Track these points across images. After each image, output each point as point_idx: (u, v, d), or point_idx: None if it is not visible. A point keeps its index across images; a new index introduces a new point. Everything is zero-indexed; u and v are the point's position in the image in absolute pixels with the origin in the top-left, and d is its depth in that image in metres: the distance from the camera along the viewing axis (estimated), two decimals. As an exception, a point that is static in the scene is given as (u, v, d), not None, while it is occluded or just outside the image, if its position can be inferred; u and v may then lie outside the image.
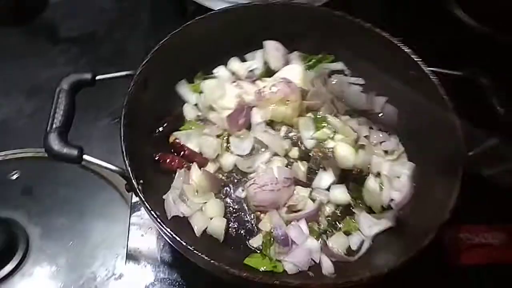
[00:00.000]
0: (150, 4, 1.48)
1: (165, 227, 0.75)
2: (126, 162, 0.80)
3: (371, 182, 0.97)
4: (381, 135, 1.05)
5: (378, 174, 1.00)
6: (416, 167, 0.99)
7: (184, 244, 0.74)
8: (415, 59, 0.99)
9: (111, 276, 1.01)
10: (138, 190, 0.77)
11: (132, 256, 0.98)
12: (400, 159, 1.02)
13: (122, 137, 0.81)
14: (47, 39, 1.43)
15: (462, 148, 0.88)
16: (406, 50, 1.00)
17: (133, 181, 0.78)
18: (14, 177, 1.13)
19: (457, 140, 0.89)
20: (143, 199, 0.77)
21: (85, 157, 0.81)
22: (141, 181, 0.81)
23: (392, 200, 0.96)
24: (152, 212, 0.76)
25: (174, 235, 0.76)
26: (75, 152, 0.80)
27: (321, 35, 1.08)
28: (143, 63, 0.92)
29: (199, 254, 0.74)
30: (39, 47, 1.40)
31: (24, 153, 1.16)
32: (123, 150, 0.81)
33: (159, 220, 0.76)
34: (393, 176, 0.99)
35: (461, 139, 0.89)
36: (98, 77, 0.90)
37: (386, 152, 1.03)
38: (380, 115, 1.05)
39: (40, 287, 0.99)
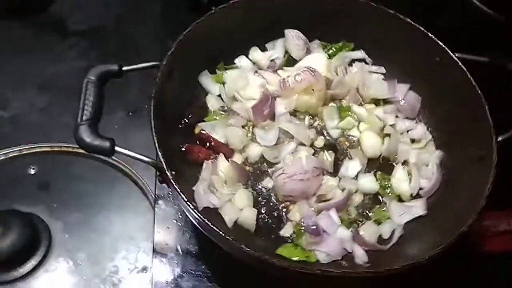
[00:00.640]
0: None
1: (202, 218, 0.74)
2: (159, 153, 0.79)
3: (399, 171, 0.97)
4: (407, 123, 1.04)
5: (405, 162, 0.99)
6: (445, 154, 0.98)
7: (222, 234, 0.73)
8: (441, 45, 0.98)
9: (134, 269, 1.00)
10: (173, 181, 0.76)
11: (158, 249, 0.97)
12: (427, 147, 1.01)
13: (154, 129, 0.80)
14: (55, 33, 1.40)
15: (492, 132, 0.87)
16: (431, 36, 0.99)
17: (167, 172, 0.76)
18: (32, 172, 1.12)
19: (487, 124, 0.88)
20: (178, 190, 0.76)
21: (117, 149, 0.79)
22: (174, 172, 0.80)
23: (421, 188, 0.96)
24: (188, 203, 0.75)
25: (211, 225, 0.74)
26: (107, 144, 0.79)
27: (341, 23, 1.07)
28: (169, 53, 0.90)
29: (237, 243, 0.72)
30: (47, 41, 1.38)
31: (39, 147, 1.15)
32: (155, 141, 0.79)
33: (195, 211, 0.74)
34: (421, 164, 0.98)
35: (490, 124, 0.88)
36: (124, 68, 0.88)
37: (413, 140, 1.02)
38: (402, 102, 1.04)
39: (63, 282, 0.98)
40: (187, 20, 0.98)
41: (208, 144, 0.96)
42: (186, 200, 0.75)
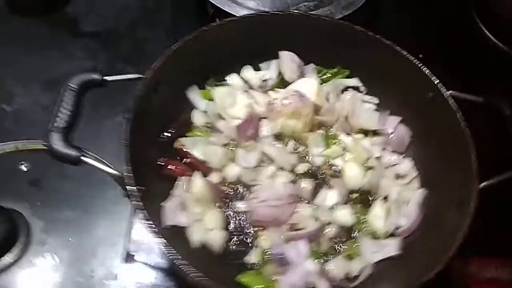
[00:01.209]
0: (172, 5, 1.46)
1: (159, 237, 0.74)
2: (129, 168, 0.78)
3: (378, 206, 0.94)
4: (394, 157, 1.01)
5: (386, 198, 0.96)
6: (427, 193, 0.95)
7: (177, 257, 0.73)
8: (434, 81, 0.94)
9: (109, 275, 1.00)
10: (137, 198, 0.76)
11: (131, 257, 0.97)
12: (411, 184, 0.98)
13: (127, 144, 0.80)
14: (68, 33, 1.43)
15: (474, 178, 0.84)
16: (425, 71, 0.96)
17: (133, 187, 0.76)
18: (24, 168, 1.13)
19: (471, 170, 0.85)
20: (142, 208, 0.75)
21: (84, 159, 0.80)
22: (143, 188, 0.80)
23: (398, 227, 0.93)
24: (147, 221, 0.74)
25: (168, 246, 0.74)
26: (74, 153, 0.79)
27: (338, 49, 1.05)
28: (154, 67, 0.90)
29: (188, 267, 0.72)
30: (59, 40, 1.40)
31: (35, 144, 1.16)
32: (126, 157, 0.79)
33: (153, 229, 0.74)
34: (402, 201, 0.95)
35: (474, 168, 0.85)
36: (107, 78, 0.89)
37: (398, 176, 0.99)
38: (391, 136, 1.01)
39: (37, 281, 0.98)
40: (195, 29, 0.99)
41: (186, 160, 0.95)
42: (146, 218, 0.74)
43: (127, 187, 0.77)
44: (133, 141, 0.83)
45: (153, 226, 0.74)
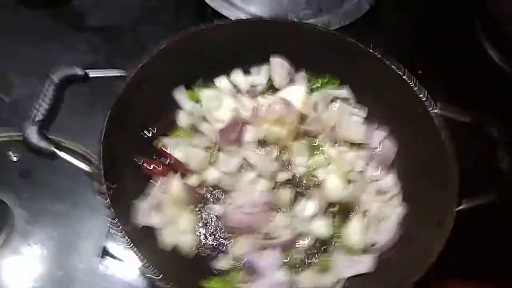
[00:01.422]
0: (176, 5, 1.47)
1: (124, 236, 0.73)
2: (98, 165, 0.78)
3: (356, 221, 0.92)
4: (377, 173, 0.99)
5: (365, 213, 0.94)
6: (407, 211, 0.93)
7: (141, 257, 0.72)
8: (422, 98, 0.92)
9: (90, 270, 0.99)
10: (105, 195, 0.76)
11: (109, 253, 0.96)
12: (392, 201, 0.96)
13: (101, 141, 0.80)
14: (70, 27, 1.44)
15: (454, 200, 0.82)
16: (414, 87, 0.94)
17: (101, 185, 0.76)
18: (15, 159, 1.14)
19: (451, 191, 0.83)
20: (108, 205, 0.75)
21: (60, 153, 0.80)
22: (114, 185, 0.80)
23: (375, 243, 0.91)
24: (113, 220, 0.74)
25: (133, 247, 0.73)
26: (50, 147, 0.80)
27: (330, 59, 1.03)
28: (139, 66, 0.91)
29: (152, 270, 0.71)
30: (61, 33, 1.40)
31: (16, 135, 1.16)
32: (99, 153, 0.79)
33: (118, 228, 0.74)
34: (381, 217, 0.93)
35: (455, 190, 0.83)
36: (91, 75, 0.89)
37: (379, 191, 0.98)
38: (377, 150, 1.00)
39: (18, 272, 0.98)
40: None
41: (166, 160, 0.95)
42: (113, 217, 0.74)
43: (95, 183, 0.77)
44: (109, 138, 0.83)
45: (118, 225, 0.74)
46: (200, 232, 0.90)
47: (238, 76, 1.07)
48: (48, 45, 1.37)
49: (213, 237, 0.90)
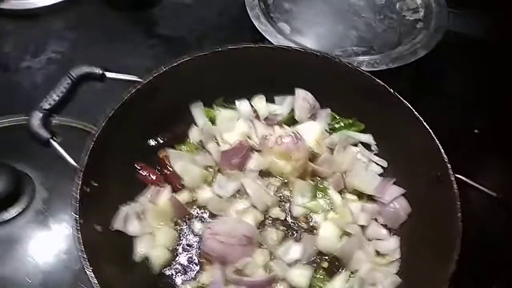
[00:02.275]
0: (231, 24, 1.48)
1: (80, 246, 0.73)
2: (84, 161, 0.80)
3: (341, 280, 0.83)
4: (381, 232, 0.89)
5: (353, 273, 0.84)
6: (401, 283, 0.82)
7: (87, 266, 0.71)
8: (445, 161, 0.81)
9: None
10: (76, 191, 0.77)
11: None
12: (388, 267, 0.85)
13: (92, 139, 0.81)
14: (143, 32, 1.51)
15: (449, 274, 0.71)
16: (439, 146, 0.83)
17: (78, 180, 0.77)
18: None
19: (449, 268, 0.72)
20: (76, 201, 0.76)
21: (53, 143, 0.83)
22: (96, 184, 0.81)
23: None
24: (75, 215, 0.75)
25: (82, 254, 0.72)
26: (46, 136, 0.83)
27: (358, 100, 0.97)
28: (153, 75, 0.92)
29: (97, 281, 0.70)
30: (132, 36, 1.48)
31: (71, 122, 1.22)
32: (86, 149, 0.81)
33: (76, 227, 0.74)
34: (369, 282, 0.83)
35: (453, 267, 0.73)
36: (108, 75, 0.92)
37: (378, 252, 0.87)
38: (388, 207, 0.89)
39: (37, 235, 0.99)
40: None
41: (164, 171, 0.94)
42: (75, 213, 0.75)
43: (75, 177, 0.78)
44: (104, 137, 0.84)
45: (77, 224, 0.74)
46: (175, 250, 0.87)
47: (260, 101, 1.03)
48: (116, 45, 1.46)
49: (186, 258, 0.87)
